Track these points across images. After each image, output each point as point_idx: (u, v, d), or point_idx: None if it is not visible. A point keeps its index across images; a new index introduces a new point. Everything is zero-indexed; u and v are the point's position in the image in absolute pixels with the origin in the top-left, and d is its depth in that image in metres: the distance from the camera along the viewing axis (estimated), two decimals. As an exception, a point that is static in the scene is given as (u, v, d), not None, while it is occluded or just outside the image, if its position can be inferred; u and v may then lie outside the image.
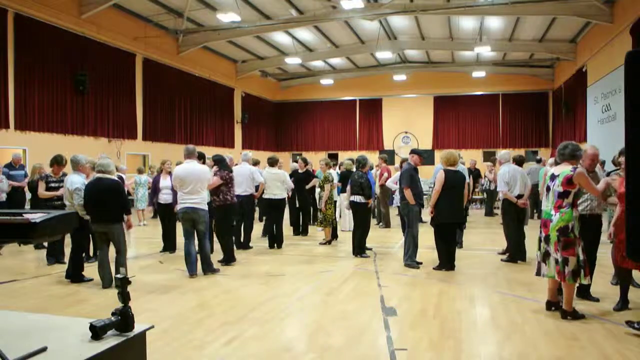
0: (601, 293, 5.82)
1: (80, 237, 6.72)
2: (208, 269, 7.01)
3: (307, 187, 11.11)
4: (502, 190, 7.76)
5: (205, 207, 7.02)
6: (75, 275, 6.60)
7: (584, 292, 5.49)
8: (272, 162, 9.60)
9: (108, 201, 6.17)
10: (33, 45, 13.03)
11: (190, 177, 6.85)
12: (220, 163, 7.73)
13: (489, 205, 15.93)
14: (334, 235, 10.03)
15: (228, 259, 7.65)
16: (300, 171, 11.27)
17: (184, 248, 6.98)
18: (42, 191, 7.52)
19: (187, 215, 6.90)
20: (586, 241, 4.91)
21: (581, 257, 4.71)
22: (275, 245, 9.29)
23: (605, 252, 6.23)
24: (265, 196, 9.50)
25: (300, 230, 11.16)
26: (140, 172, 13.38)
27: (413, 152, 7.94)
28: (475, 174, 14.67)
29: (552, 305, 5.07)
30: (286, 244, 9.55)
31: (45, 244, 8.89)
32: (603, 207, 5.27)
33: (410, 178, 7.46)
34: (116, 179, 6.52)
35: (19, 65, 12.68)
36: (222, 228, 7.73)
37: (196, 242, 7.10)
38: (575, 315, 4.80)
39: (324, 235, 9.89)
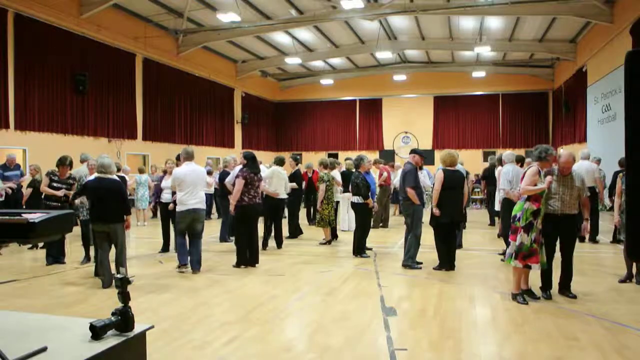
0: (601, 293, 5.83)
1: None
2: (196, 266, 7.12)
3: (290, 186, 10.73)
4: (505, 189, 7.75)
5: (204, 207, 7.23)
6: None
7: (562, 289, 5.67)
8: (280, 162, 9.52)
9: (109, 201, 6.19)
10: (33, 45, 13.04)
11: (189, 179, 6.99)
12: (249, 161, 7.59)
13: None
14: (334, 236, 10.01)
15: (238, 263, 7.50)
16: (292, 171, 11.09)
17: (177, 241, 7.30)
18: (44, 186, 7.52)
19: (188, 216, 7.01)
20: (550, 237, 5.47)
21: (517, 243, 5.28)
22: (276, 245, 9.27)
23: (594, 252, 6.23)
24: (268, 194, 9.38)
25: (290, 232, 10.74)
26: (141, 171, 13.37)
27: (414, 152, 7.88)
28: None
29: (525, 292, 5.48)
30: (286, 244, 9.55)
31: (41, 244, 8.93)
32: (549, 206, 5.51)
33: (415, 178, 7.43)
34: (117, 178, 6.51)
35: (19, 65, 12.68)
36: (237, 229, 7.73)
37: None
38: (517, 299, 5.36)
39: (324, 235, 9.87)
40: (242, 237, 7.51)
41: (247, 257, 7.50)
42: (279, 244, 9.28)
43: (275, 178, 9.26)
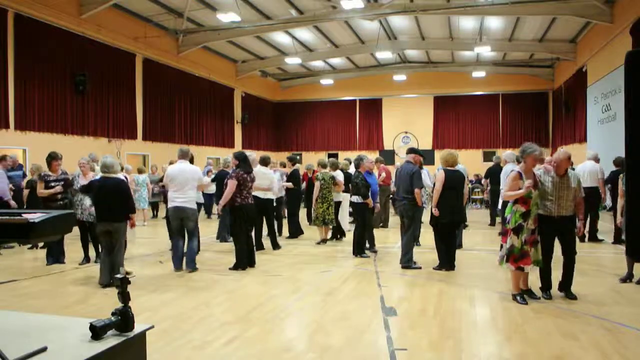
0: (601, 293, 5.83)
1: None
2: (190, 265, 7.18)
3: (283, 185, 10.62)
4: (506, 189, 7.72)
5: (193, 206, 7.26)
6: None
7: (562, 290, 5.59)
8: (265, 162, 9.31)
9: (113, 200, 6.25)
10: (33, 45, 13.04)
11: (179, 177, 7.11)
12: (240, 161, 7.52)
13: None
14: (335, 236, 9.97)
15: (236, 265, 7.33)
16: (289, 171, 10.94)
17: (171, 244, 7.39)
18: (41, 190, 7.50)
19: (176, 214, 7.17)
20: (547, 238, 5.44)
21: (508, 245, 5.31)
22: (271, 246, 9.10)
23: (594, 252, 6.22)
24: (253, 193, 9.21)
25: (290, 232, 10.71)
26: (140, 171, 13.35)
27: (414, 151, 7.78)
28: None
29: (525, 292, 5.51)
30: (286, 244, 9.54)
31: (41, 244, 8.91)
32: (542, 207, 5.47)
33: (421, 179, 7.38)
34: (122, 178, 6.52)
35: (19, 65, 12.69)
36: (233, 231, 7.68)
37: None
38: (516, 299, 5.37)
39: (319, 234, 9.87)
40: (240, 239, 7.39)
41: (246, 260, 7.41)
42: (274, 245, 9.12)
43: (258, 179, 9.09)
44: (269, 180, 9.17)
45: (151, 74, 17.59)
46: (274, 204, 9.72)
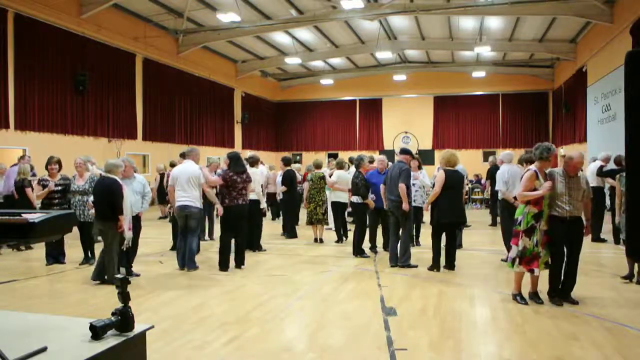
0: (601, 293, 5.83)
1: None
2: (189, 264, 7.24)
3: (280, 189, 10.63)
4: (501, 190, 7.72)
5: (196, 205, 7.31)
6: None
7: (563, 294, 5.40)
8: (253, 162, 9.17)
9: (102, 200, 6.36)
10: (33, 45, 13.04)
11: (181, 177, 7.28)
12: (232, 161, 7.47)
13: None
14: (340, 237, 9.95)
15: (220, 265, 7.26)
16: (281, 172, 10.88)
17: (177, 243, 7.49)
18: (37, 193, 7.66)
19: (181, 212, 7.30)
20: (560, 241, 5.32)
21: (520, 247, 5.29)
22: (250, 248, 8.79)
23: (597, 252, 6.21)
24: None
25: (284, 232, 10.79)
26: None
27: (406, 152, 7.74)
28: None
29: (532, 296, 5.46)
30: (286, 244, 9.55)
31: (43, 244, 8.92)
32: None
33: (409, 178, 7.39)
34: (116, 178, 6.50)
35: (19, 65, 12.68)
36: (221, 232, 7.66)
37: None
38: (517, 299, 5.41)
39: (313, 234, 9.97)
40: (224, 239, 7.33)
41: (228, 259, 7.29)
42: (255, 247, 8.86)
43: None
44: (256, 181, 9.10)
45: (151, 74, 17.58)
46: (260, 205, 9.45)
